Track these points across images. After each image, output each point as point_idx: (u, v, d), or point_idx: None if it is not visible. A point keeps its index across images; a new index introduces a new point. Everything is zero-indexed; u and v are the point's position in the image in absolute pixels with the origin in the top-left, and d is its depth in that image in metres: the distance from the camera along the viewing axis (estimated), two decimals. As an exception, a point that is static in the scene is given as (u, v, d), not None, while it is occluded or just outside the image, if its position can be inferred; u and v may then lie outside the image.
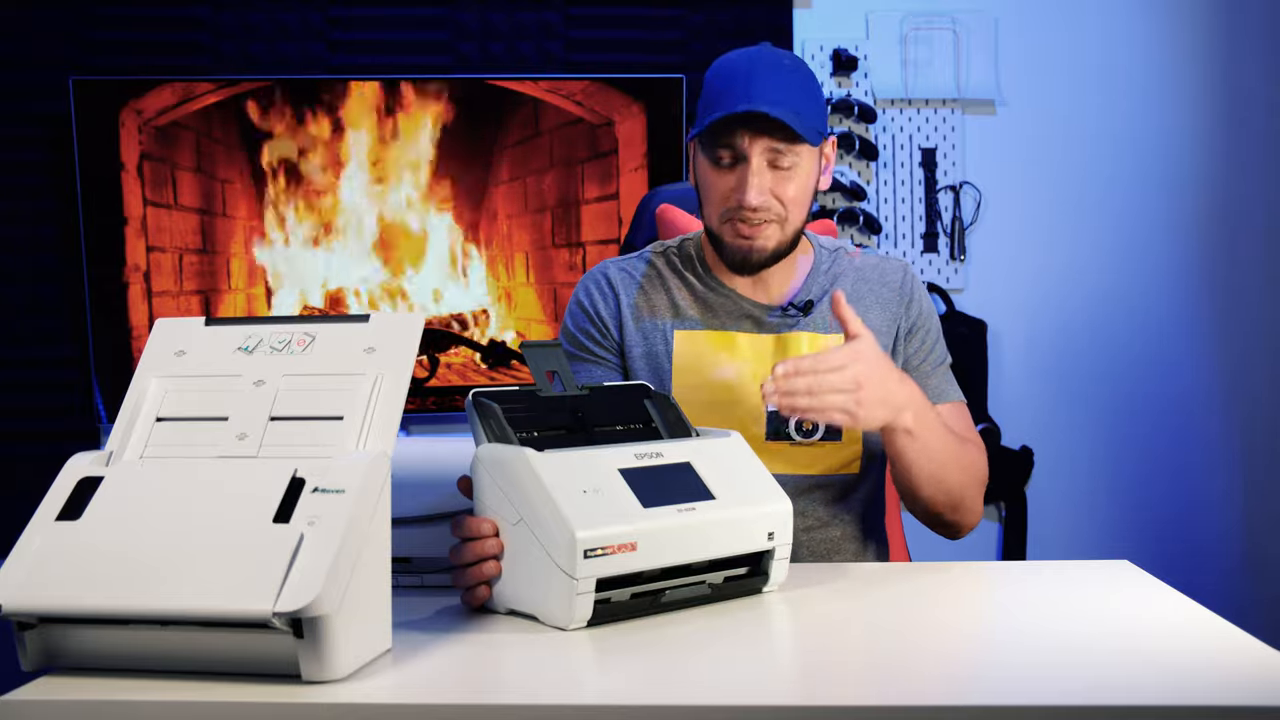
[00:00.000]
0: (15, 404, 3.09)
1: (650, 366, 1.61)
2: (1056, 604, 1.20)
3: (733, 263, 1.57)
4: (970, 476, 1.54)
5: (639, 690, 0.97)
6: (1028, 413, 3.25)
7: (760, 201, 1.50)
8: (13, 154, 3.08)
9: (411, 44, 3.16)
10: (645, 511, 1.11)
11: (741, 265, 1.56)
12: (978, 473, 1.56)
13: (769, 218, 1.52)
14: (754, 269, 1.57)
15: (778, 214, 1.53)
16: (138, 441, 1.06)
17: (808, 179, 1.54)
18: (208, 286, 3.08)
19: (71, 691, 0.95)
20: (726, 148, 1.51)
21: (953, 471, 1.50)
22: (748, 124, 1.49)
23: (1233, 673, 0.97)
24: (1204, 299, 3.28)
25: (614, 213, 3.11)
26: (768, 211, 1.52)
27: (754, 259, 1.55)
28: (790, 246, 1.57)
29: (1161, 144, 3.26)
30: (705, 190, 1.57)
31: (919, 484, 1.50)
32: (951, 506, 1.54)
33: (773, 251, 1.55)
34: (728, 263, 1.58)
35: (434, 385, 3.13)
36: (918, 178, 3.23)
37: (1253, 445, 3.29)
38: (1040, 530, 3.25)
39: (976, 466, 1.56)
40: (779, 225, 1.54)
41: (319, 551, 0.93)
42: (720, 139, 1.51)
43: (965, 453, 1.54)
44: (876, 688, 0.97)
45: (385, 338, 1.08)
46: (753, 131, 1.49)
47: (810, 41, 3.20)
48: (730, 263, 1.57)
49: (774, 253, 1.55)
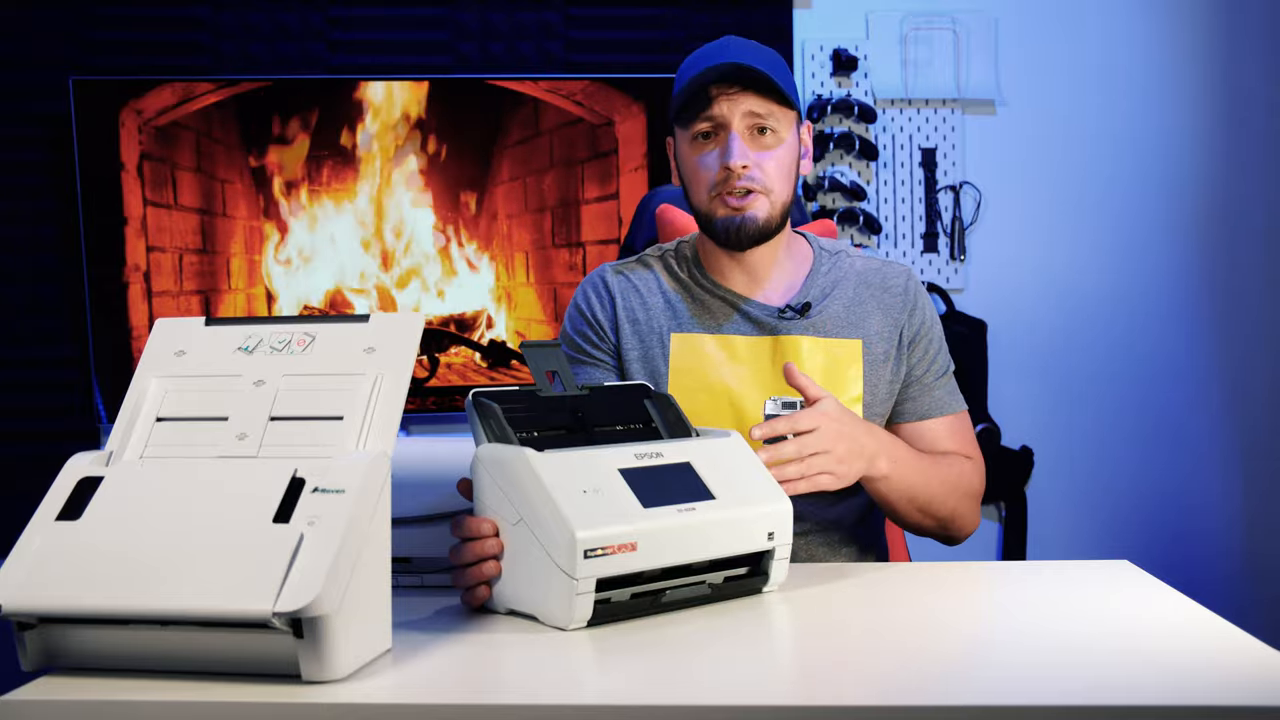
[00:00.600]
0: (15, 404, 3.09)
1: (647, 370, 1.61)
2: (1056, 604, 1.20)
3: (724, 237, 1.57)
4: (959, 493, 1.56)
5: (639, 690, 0.97)
6: (1028, 413, 3.25)
7: (743, 161, 1.52)
8: (13, 154, 3.08)
9: (411, 44, 3.16)
10: (645, 511, 1.11)
11: (734, 239, 1.56)
12: (967, 486, 1.58)
13: (755, 187, 1.54)
14: (746, 243, 1.57)
15: (763, 185, 1.54)
16: (138, 441, 1.06)
17: (790, 152, 1.56)
18: (208, 286, 3.08)
19: (71, 691, 0.95)
20: (706, 118, 1.53)
21: (937, 495, 1.53)
22: (724, 83, 1.51)
23: (1233, 673, 0.97)
24: (1204, 299, 3.28)
25: (614, 213, 3.11)
26: (752, 179, 1.53)
27: (746, 229, 1.55)
28: (780, 223, 1.58)
29: (1161, 144, 3.26)
30: (690, 172, 1.58)
31: (904, 516, 1.55)
32: (942, 526, 1.57)
33: (763, 223, 1.55)
34: (719, 239, 1.58)
35: (434, 385, 3.14)
36: (918, 178, 3.23)
37: (1253, 445, 3.29)
38: (1040, 530, 3.25)
39: (965, 480, 1.57)
40: (766, 197, 1.55)
41: (319, 551, 0.93)
42: (699, 109, 1.53)
43: (949, 472, 1.55)
44: (876, 688, 0.97)
45: (385, 338, 1.08)
46: (729, 92, 1.51)
47: (810, 41, 3.20)
48: (722, 238, 1.57)
49: (764, 225, 1.55)
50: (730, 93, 1.51)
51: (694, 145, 1.56)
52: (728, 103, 1.51)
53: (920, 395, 1.63)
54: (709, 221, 1.57)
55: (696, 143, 1.55)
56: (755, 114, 1.52)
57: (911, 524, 1.56)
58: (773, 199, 1.55)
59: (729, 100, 1.51)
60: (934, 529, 1.57)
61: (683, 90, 1.53)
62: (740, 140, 1.52)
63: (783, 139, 1.55)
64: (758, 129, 1.53)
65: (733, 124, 1.52)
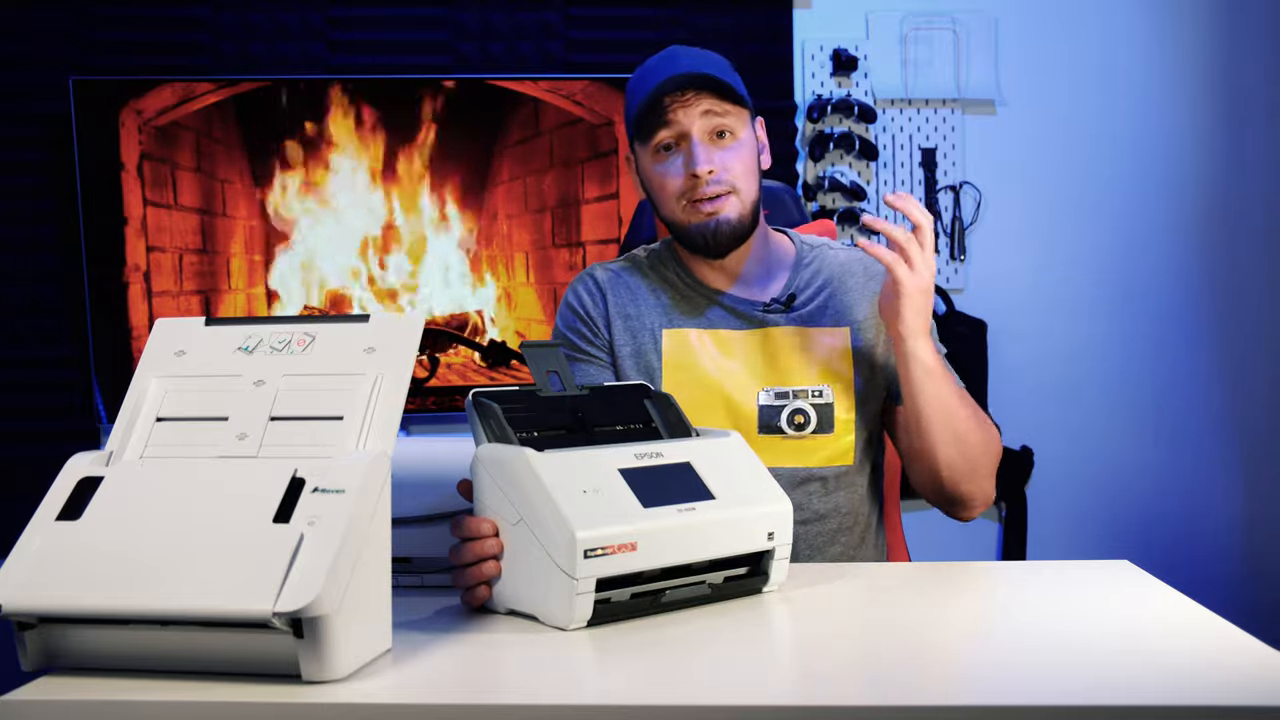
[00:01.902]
0: (15, 404, 3.09)
1: (640, 366, 1.62)
2: (1056, 604, 1.20)
3: (700, 244, 1.57)
4: (986, 441, 1.53)
5: (639, 690, 0.97)
6: (1028, 413, 3.25)
7: (708, 166, 1.53)
8: (13, 154, 3.08)
9: (411, 44, 3.16)
10: (645, 511, 1.11)
11: (710, 245, 1.57)
12: (992, 443, 1.55)
13: (723, 189, 1.55)
14: (722, 247, 1.57)
15: (730, 184, 1.55)
16: (138, 441, 1.06)
17: (750, 151, 1.58)
18: (208, 286, 3.08)
19: (71, 691, 0.95)
20: (664, 125, 1.54)
21: (971, 427, 1.50)
22: (678, 89, 1.52)
23: (1233, 673, 0.97)
24: (1204, 299, 3.28)
25: (614, 213, 3.11)
26: (720, 183, 1.54)
27: (721, 232, 1.56)
28: (752, 222, 1.59)
29: (1161, 144, 3.26)
30: (656, 185, 1.59)
31: (937, 438, 1.49)
32: (969, 472, 1.51)
33: (736, 223, 1.56)
34: (695, 247, 1.59)
35: (434, 385, 3.13)
36: (918, 178, 3.23)
37: (1253, 445, 3.29)
38: (1040, 530, 3.25)
39: (991, 436, 1.55)
40: (735, 196, 1.56)
41: (319, 551, 0.93)
42: (657, 120, 1.54)
43: (980, 417, 1.54)
44: (876, 688, 0.97)
45: (385, 338, 1.08)
46: (684, 99, 1.53)
47: (810, 41, 3.20)
48: (698, 245, 1.58)
49: (738, 225, 1.56)
50: (684, 99, 1.53)
51: (656, 157, 1.57)
52: (683, 110, 1.53)
53: None
54: (683, 230, 1.58)
55: (659, 154, 1.57)
56: (712, 113, 1.54)
57: (941, 455, 1.50)
58: (742, 197, 1.56)
59: (684, 107, 1.53)
60: (961, 469, 1.50)
61: (639, 106, 1.55)
62: (702, 145, 1.54)
63: (741, 138, 1.56)
64: (716, 133, 1.55)
65: (692, 130, 1.53)
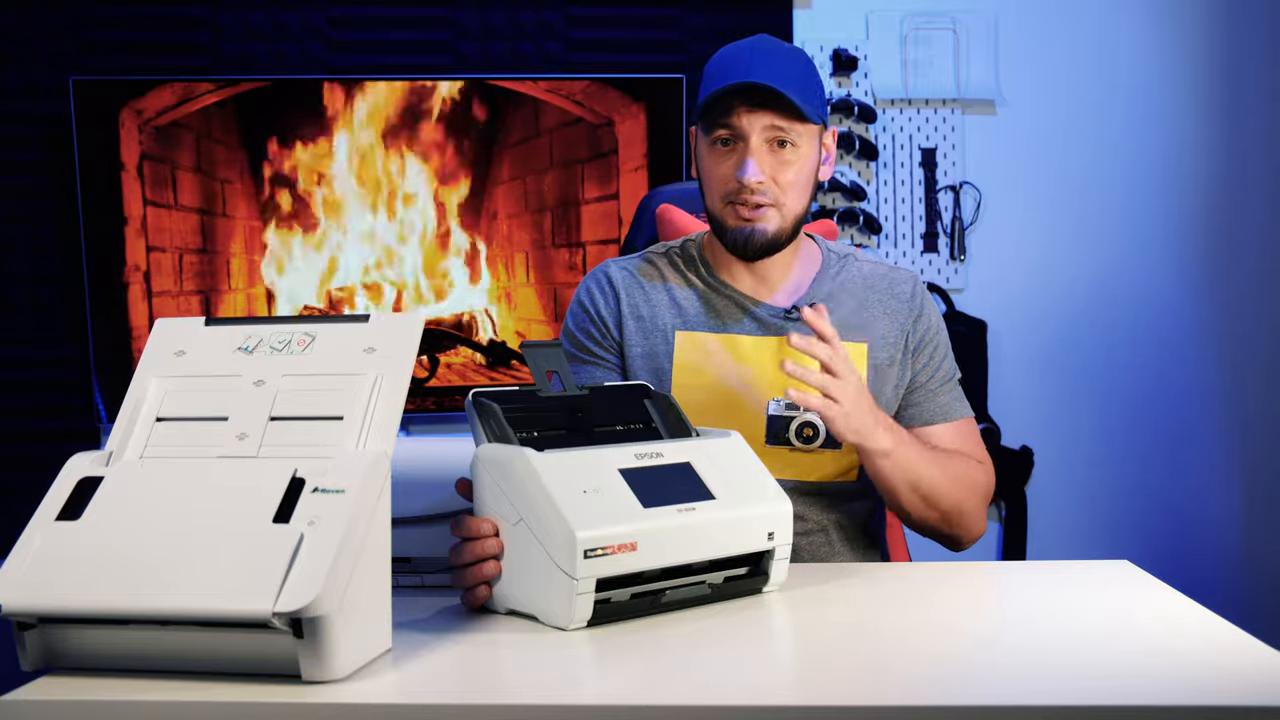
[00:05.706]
0: (15, 404, 3.09)
1: (650, 367, 1.61)
2: (1056, 604, 1.20)
3: (734, 247, 1.57)
4: (964, 488, 1.54)
5: (639, 690, 0.97)
6: (1028, 413, 3.24)
7: (757, 178, 1.51)
8: (13, 154, 3.08)
9: (411, 44, 3.16)
10: (645, 511, 1.11)
11: (743, 250, 1.56)
12: (973, 483, 1.56)
13: (766, 201, 1.53)
14: (755, 254, 1.57)
15: (775, 198, 1.53)
16: (138, 441, 1.06)
17: (807, 164, 1.55)
18: (208, 286, 3.08)
19: (71, 691, 0.95)
20: (725, 126, 1.52)
21: (940, 485, 1.51)
22: (746, 97, 1.50)
23: (1233, 673, 0.97)
24: (1204, 299, 3.28)
25: (614, 213, 3.11)
26: (765, 194, 1.52)
27: (755, 241, 1.55)
28: (791, 235, 1.57)
29: (1161, 144, 3.26)
30: (706, 175, 1.57)
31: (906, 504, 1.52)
32: (945, 520, 1.54)
33: (773, 236, 1.55)
34: (729, 247, 1.57)
35: (434, 385, 3.13)
36: (918, 178, 3.23)
37: (1253, 446, 3.29)
38: (1040, 530, 3.24)
39: (971, 477, 1.56)
40: (777, 210, 1.54)
41: (319, 551, 0.93)
42: (719, 117, 1.52)
43: (956, 468, 1.54)
44: (876, 688, 0.97)
45: (385, 338, 1.08)
46: (751, 106, 1.50)
47: (810, 42, 3.20)
48: (731, 247, 1.57)
49: (774, 238, 1.55)
50: (752, 108, 1.50)
51: (712, 150, 1.55)
52: (749, 117, 1.51)
53: (925, 401, 1.62)
54: (720, 227, 1.57)
55: (715, 148, 1.55)
56: (776, 128, 1.51)
57: (915, 515, 1.53)
58: (784, 212, 1.54)
59: (750, 114, 1.50)
60: (937, 523, 1.54)
61: (708, 96, 1.52)
62: (757, 156, 1.51)
63: (801, 152, 1.53)
64: (777, 142, 1.52)
65: (751, 138, 1.51)
